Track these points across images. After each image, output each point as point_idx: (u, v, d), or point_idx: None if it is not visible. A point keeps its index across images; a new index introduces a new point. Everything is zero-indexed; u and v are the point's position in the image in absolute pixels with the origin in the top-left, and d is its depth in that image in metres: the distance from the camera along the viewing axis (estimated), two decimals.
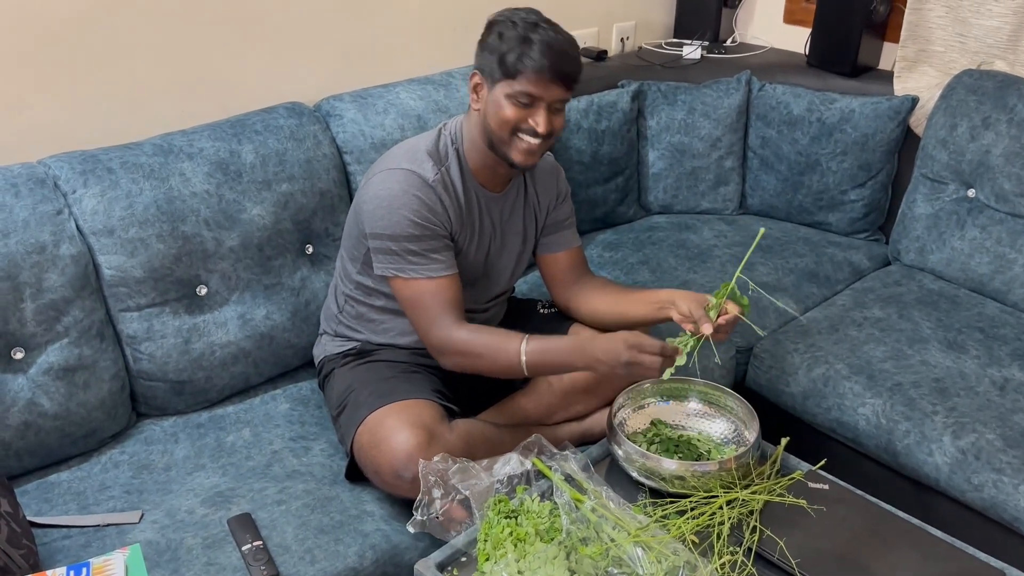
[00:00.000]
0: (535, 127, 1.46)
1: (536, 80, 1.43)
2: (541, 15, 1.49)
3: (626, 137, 2.35)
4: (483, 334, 1.50)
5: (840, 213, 2.38)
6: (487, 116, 1.48)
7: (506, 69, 1.43)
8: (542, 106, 1.46)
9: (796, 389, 1.87)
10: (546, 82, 1.44)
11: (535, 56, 1.42)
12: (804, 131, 2.34)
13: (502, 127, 1.47)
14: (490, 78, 1.47)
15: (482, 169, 1.57)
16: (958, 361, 1.82)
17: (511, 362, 1.47)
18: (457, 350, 1.50)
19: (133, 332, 1.60)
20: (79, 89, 1.69)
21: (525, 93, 1.44)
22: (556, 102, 1.47)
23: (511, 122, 1.46)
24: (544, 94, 1.45)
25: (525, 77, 1.43)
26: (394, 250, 1.49)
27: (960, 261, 2.10)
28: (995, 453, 1.59)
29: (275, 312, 1.73)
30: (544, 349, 1.47)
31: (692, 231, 2.38)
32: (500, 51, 1.44)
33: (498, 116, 1.46)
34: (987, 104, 2.05)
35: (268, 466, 1.55)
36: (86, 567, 1.04)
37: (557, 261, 1.74)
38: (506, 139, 1.48)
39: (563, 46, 1.45)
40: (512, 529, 1.28)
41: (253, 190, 1.70)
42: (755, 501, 1.35)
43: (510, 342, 1.47)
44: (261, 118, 1.78)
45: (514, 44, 1.42)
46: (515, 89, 1.44)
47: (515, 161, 1.50)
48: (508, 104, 1.45)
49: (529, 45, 1.42)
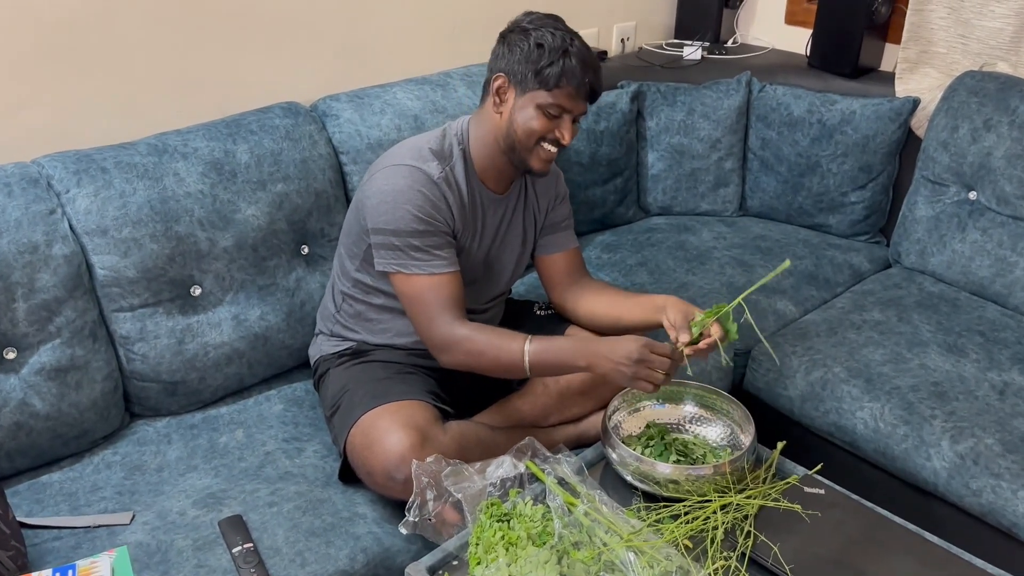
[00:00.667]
0: (560, 139, 1.50)
1: (571, 95, 1.46)
2: (567, 25, 1.51)
3: (625, 138, 2.34)
4: (485, 332, 1.49)
5: (841, 215, 2.36)
6: (513, 122, 1.49)
7: (543, 80, 1.45)
8: (568, 119, 1.49)
9: (794, 392, 1.85)
10: (579, 98, 1.48)
11: (577, 73, 1.44)
12: (804, 132, 2.32)
13: (529, 136, 1.49)
14: (520, 85, 1.48)
15: (488, 170, 1.57)
16: (957, 365, 1.81)
17: (513, 361, 1.46)
18: (459, 347, 1.49)
19: (126, 332, 1.59)
20: (75, 89, 1.68)
21: (558, 106, 1.46)
22: (580, 114, 1.50)
23: (539, 132, 1.49)
24: (575, 108, 1.49)
25: (563, 92, 1.46)
26: (397, 245, 1.48)
27: (961, 264, 2.09)
28: (994, 458, 1.57)
29: (269, 313, 1.73)
30: (547, 349, 1.47)
31: (691, 233, 2.37)
32: (538, 62, 1.45)
33: (527, 125, 1.48)
34: (988, 106, 2.04)
35: (260, 467, 1.54)
36: (72, 569, 1.03)
37: (554, 263, 1.73)
38: (530, 147, 1.50)
39: (595, 63, 1.49)
40: (504, 533, 1.27)
41: (248, 190, 1.69)
42: (750, 506, 1.34)
43: (513, 341, 1.47)
44: (257, 118, 1.78)
45: (555, 57, 1.44)
46: (550, 101, 1.46)
47: (534, 168, 1.53)
48: (538, 114, 1.47)
49: (569, 59, 1.44)
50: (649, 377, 1.40)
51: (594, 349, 1.44)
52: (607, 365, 1.42)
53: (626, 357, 1.40)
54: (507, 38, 1.49)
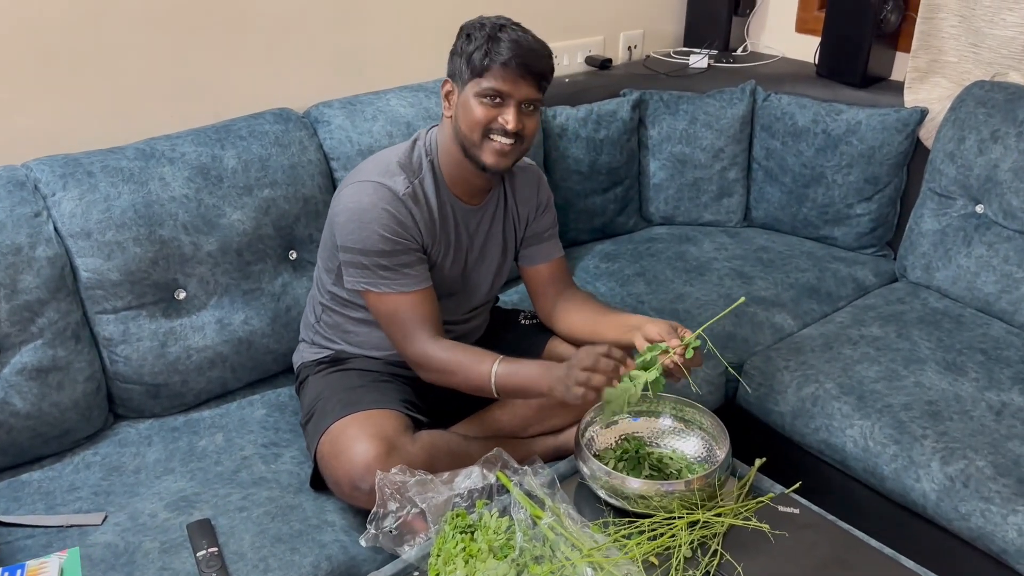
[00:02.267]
0: (504, 124, 1.44)
1: (503, 75, 1.42)
2: (511, 20, 1.47)
3: (626, 147, 2.32)
4: (457, 352, 1.48)
5: (846, 227, 2.31)
6: (459, 120, 1.47)
7: (474, 67, 1.43)
8: (511, 103, 1.44)
9: (785, 408, 1.81)
10: (514, 78, 1.42)
11: (503, 52, 1.41)
12: (809, 143, 2.28)
13: (473, 128, 1.45)
14: (460, 81, 1.46)
15: (457, 180, 1.55)
16: (955, 383, 1.75)
17: (482, 382, 1.45)
18: (432, 366, 1.49)
19: (109, 334, 1.61)
20: (68, 94, 1.71)
21: (493, 89, 1.43)
22: (525, 101, 1.45)
23: (481, 122, 1.44)
24: (513, 91, 1.43)
25: (492, 73, 1.42)
26: (365, 264, 1.48)
27: (966, 279, 2.03)
28: (984, 481, 1.52)
29: (254, 317, 1.73)
30: (514, 372, 1.44)
31: (692, 243, 2.33)
32: (468, 52, 1.43)
33: (468, 117, 1.45)
34: (996, 117, 1.98)
35: (236, 472, 1.54)
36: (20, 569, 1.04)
37: (538, 273, 1.71)
38: (477, 141, 1.46)
39: (531, 44, 1.44)
40: (466, 544, 1.26)
41: (233, 195, 1.70)
42: (719, 524, 1.31)
43: (483, 363, 1.45)
44: (247, 123, 1.79)
45: (481, 43, 1.42)
46: (483, 87, 1.43)
47: (486, 163, 1.48)
48: (477, 104, 1.44)
49: (496, 42, 1.42)
50: (588, 381, 1.33)
51: (556, 372, 1.40)
52: (559, 387, 1.37)
53: (566, 367, 1.36)
54: (453, 44, 1.48)
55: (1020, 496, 1.48)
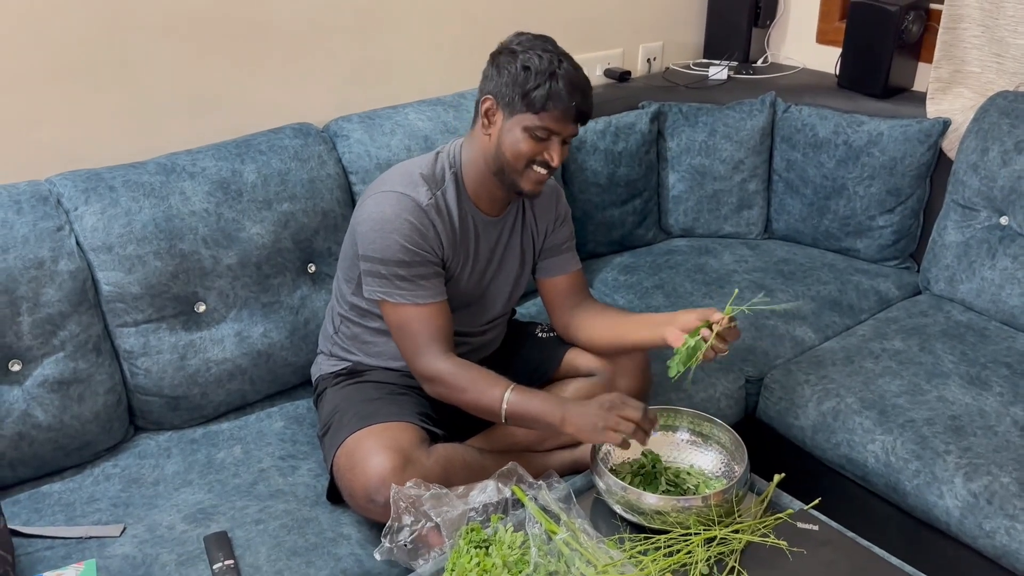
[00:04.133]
0: (549, 161, 1.47)
1: (559, 117, 1.44)
2: (557, 46, 1.49)
3: (644, 159, 2.31)
4: (469, 371, 1.48)
5: (868, 239, 2.29)
6: (502, 145, 1.48)
7: (530, 103, 1.43)
8: (557, 140, 1.47)
9: (805, 422, 1.79)
10: (567, 121, 1.45)
11: (563, 96, 1.42)
12: (830, 154, 2.26)
13: (518, 159, 1.47)
14: (508, 107, 1.46)
15: (480, 193, 1.56)
16: (979, 398, 1.72)
17: (492, 407, 1.46)
18: (441, 382, 1.49)
19: (130, 347, 1.63)
20: (91, 109, 1.74)
21: (545, 129, 1.45)
22: (570, 136, 1.48)
23: (528, 156, 1.47)
24: (563, 131, 1.46)
25: (549, 115, 1.44)
26: (383, 274, 1.48)
27: (991, 292, 2.00)
28: (1009, 498, 1.49)
29: (273, 330, 1.74)
30: (526, 402, 1.45)
31: (712, 255, 2.32)
32: (524, 85, 1.43)
33: (515, 148, 1.47)
34: (1020, 127, 1.95)
35: (253, 484, 1.55)
36: None
37: (555, 285, 1.71)
38: (520, 170, 1.49)
39: (584, 85, 1.47)
40: (480, 559, 1.26)
41: (253, 209, 1.71)
42: (736, 540, 1.29)
43: (495, 387, 1.46)
44: (267, 138, 1.81)
45: (542, 80, 1.42)
46: (537, 124, 1.44)
47: (525, 191, 1.51)
48: (526, 137, 1.46)
49: (556, 82, 1.42)
50: (617, 425, 1.37)
51: (571, 407, 1.42)
52: (581, 422, 1.40)
53: (598, 406, 1.39)
54: (496, 60, 1.48)
55: None
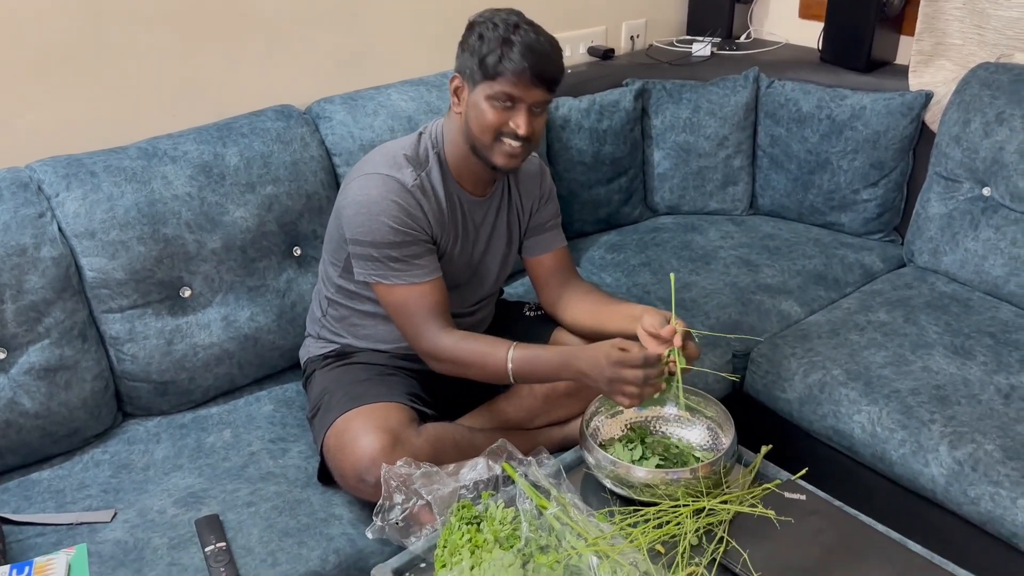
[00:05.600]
0: (516, 129, 1.44)
1: (517, 82, 1.41)
2: (523, 16, 1.46)
3: (629, 137, 2.31)
4: (470, 341, 1.49)
5: (853, 213, 2.30)
6: (468, 119, 1.47)
7: (486, 71, 1.42)
8: (523, 108, 1.44)
9: (792, 395, 1.80)
10: (527, 84, 1.42)
11: (516, 58, 1.40)
12: (814, 129, 2.27)
13: (484, 132, 1.46)
14: (471, 80, 1.45)
15: (463, 172, 1.55)
16: (963, 368, 1.74)
17: (498, 369, 1.46)
18: (445, 356, 1.49)
19: (116, 333, 1.62)
20: (71, 95, 1.72)
21: (505, 94, 1.42)
22: (536, 104, 1.45)
23: (493, 126, 1.45)
24: (525, 96, 1.43)
25: (505, 79, 1.41)
26: (375, 256, 1.48)
27: (974, 263, 2.01)
28: (993, 465, 1.51)
29: (259, 314, 1.74)
30: (531, 358, 1.45)
31: (698, 232, 2.33)
32: (480, 53, 1.42)
33: (479, 120, 1.45)
34: (1001, 99, 1.96)
35: (244, 467, 1.55)
36: (28, 566, 1.05)
37: (541, 264, 1.71)
38: (488, 143, 1.47)
39: (544, 48, 1.43)
40: (471, 535, 1.26)
41: (236, 192, 1.70)
42: (724, 511, 1.30)
43: (497, 349, 1.46)
44: (248, 121, 1.79)
45: (495, 45, 1.41)
46: (495, 90, 1.42)
47: (497, 165, 1.49)
48: (489, 107, 1.44)
49: (510, 46, 1.40)
50: (626, 392, 1.38)
51: (575, 365, 1.42)
52: (588, 381, 1.41)
53: (600, 376, 1.39)
54: (462, 38, 1.47)
55: None
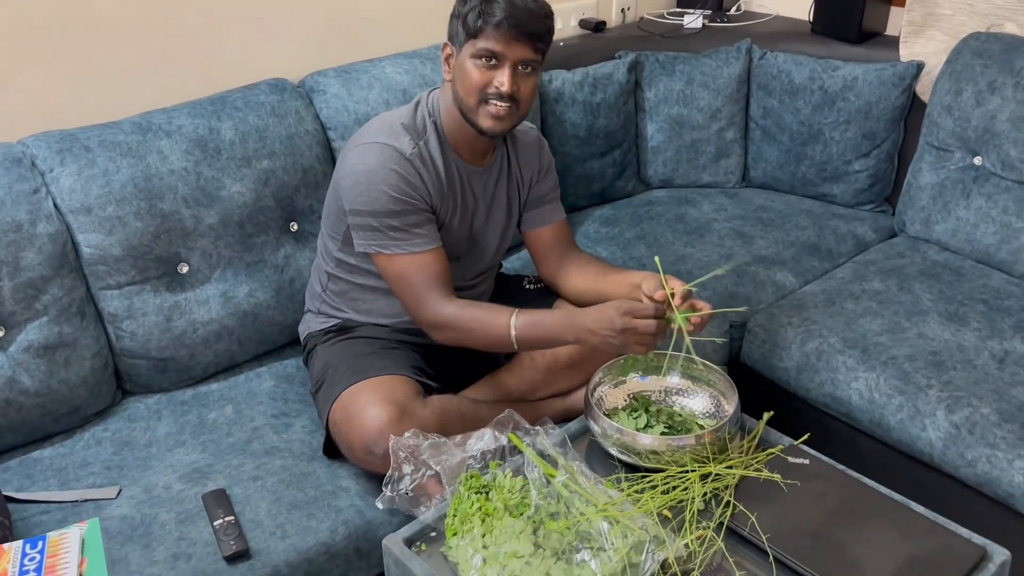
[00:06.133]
0: (499, 87, 1.43)
1: (496, 35, 1.40)
2: None
3: (623, 110, 2.31)
4: (472, 309, 1.49)
5: (845, 184, 2.32)
6: (456, 83, 1.47)
7: (468, 28, 1.42)
8: (506, 65, 1.43)
9: (789, 364, 1.82)
10: (509, 39, 1.40)
11: (496, 12, 1.39)
12: (806, 100, 2.27)
13: (469, 92, 1.45)
14: (457, 44, 1.45)
15: (460, 142, 1.55)
16: (957, 334, 1.77)
17: (501, 336, 1.46)
18: (449, 326, 1.48)
19: (114, 310, 1.61)
20: (61, 69, 1.69)
21: (487, 50, 1.41)
22: (521, 62, 1.43)
23: (477, 86, 1.43)
24: (507, 51, 1.41)
25: (485, 34, 1.41)
26: (375, 226, 1.47)
27: (965, 231, 2.04)
28: (989, 428, 1.54)
29: (258, 290, 1.73)
30: (534, 323, 1.46)
31: (692, 205, 2.33)
32: (463, 13, 1.42)
33: (464, 80, 1.44)
34: (993, 68, 1.98)
35: (248, 442, 1.55)
36: (42, 540, 1.04)
37: (540, 236, 1.71)
38: (474, 106, 1.46)
39: (526, 3, 1.42)
40: (481, 504, 1.27)
41: (232, 167, 1.69)
42: (730, 476, 1.32)
43: (500, 316, 1.46)
44: (242, 95, 1.77)
45: (476, 3, 1.41)
46: (478, 48, 1.42)
47: (483, 127, 1.47)
48: (472, 66, 1.43)
49: (490, 3, 1.40)
50: (639, 341, 1.38)
51: (580, 323, 1.43)
52: (594, 339, 1.41)
53: (610, 329, 1.39)
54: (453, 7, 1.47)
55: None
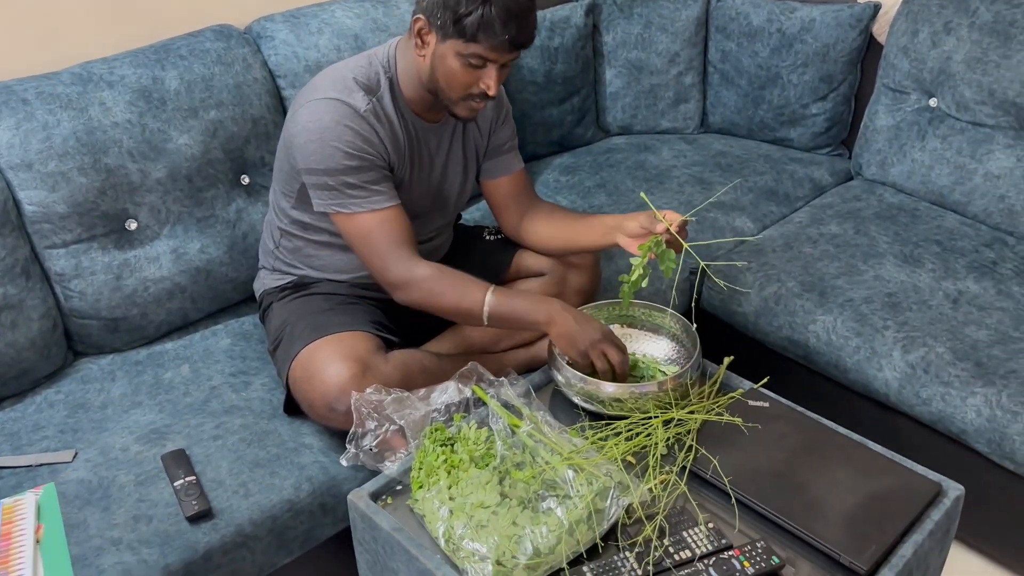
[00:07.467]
0: (486, 90, 1.39)
1: (494, 47, 1.34)
2: None
3: (580, 55, 2.27)
4: (448, 276, 1.44)
5: (802, 128, 2.32)
6: (435, 69, 1.40)
7: (462, 30, 1.33)
8: (494, 68, 1.38)
9: (748, 308, 1.84)
10: (503, 51, 1.36)
11: (496, 27, 1.31)
12: (764, 43, 2.26)
13: (452, 89, 1.40)
14: (440, 31, 1.36)
15: (417, 100, 1.49)
16: (912, 275, 1.79)
17: (473, 309, 1.43)
18: (418, 287, 1.44)
19: (61, 269, 1.56)
20: None
21: (479, 56, 1.36)
22: (508, 62, 1.40)
23: (463, 85, 1.39)
24: (498, 59, 1.37)
25: (481, 44, 1.34)
26: (331, 185, 1.43)
27: (921, 173, 2.06)
28: (944, 366, 1.57)
29: (210, 246, 1.68)
30: (509, 303, 1.42)
31: (651, 152, 2.32)
32: (457, 9, 1.32)
33: (448, 76, 1.39)
34: (949, 8, 1.98)
35: (206, 402, 1.52)
36: None
37: (499, 187, 1.68)
38: (454, 99, 1.42)
39: (522, 10, 1.34)
40: (447, 456, 1.27)
41: (179, 118, 1.63)
42: (692, 421, 1.33)
43: (475, 290, 1.42)
44: (187, 42, 1.70)
45: (474, 6, 1.31)
46: (470, 51, 1.35)
47: (459, 116, 1.46)
48: (460, 66, 1.37)
49: (489, 8, 1.31)
50: (600, 359, 1.38)
51: (558, 308, 1.40)
52: (567, 328, 1.39)
53: (589, 332, 1.38)
54: None
55: (978, 379, 1.54)
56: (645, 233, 1.45)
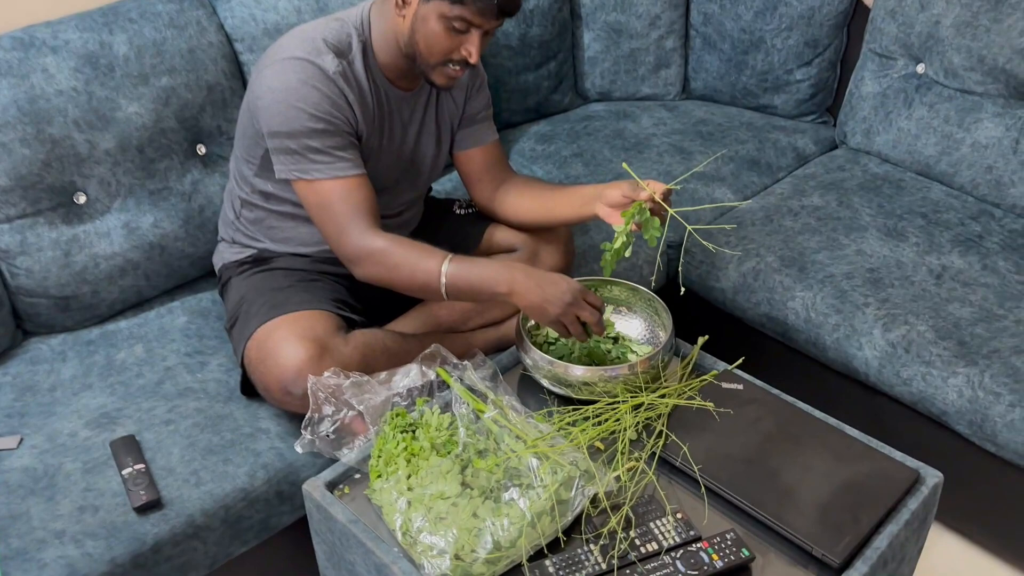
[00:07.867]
0: (467, 57, 1.33)
1: (480, 12, 1.28)
2: None
3: (557, 17, 2.18)
4: (403, 246, 1.36)
5: (786, 95, 2.24)
6: (415, 32, 1.33)
7: None
8: (478, 34, 1.32)
9: (726, 284, 1.78)
10: (490, 16, 1.29)
11: None
12: (747, 5, 2.17)
13: (432, 54, 1.33)
14: None
15: (391, 66, 1.42)
16: (896, 250, 1.74)
17: (429, 281, 1.34)
18: (372, 260, 1.36)
19: (5, 246, 1.48)
20: None
21: (464, 20, 1.29)
22: (492, 29, 1.33)
23: (444, 50, 1.33)
24: (483, 24, 1.30)
25: (469, 7, 1.27)
26: (294, 149, 1.35)
27: (907, 143, 1.99)
28: (925, 345, 1.52)
29: (164, 220, 1.61)
30: (467, 271, 1.33)
31: (631, 119, 2.24)
32: None
33: (429, 40, 1.32)
34: None
35: (159, 384, 1.46)
36: None
37: (472, 158, 1.61)
38: (433, 64, 1.35)
39: None
40: (407, 443, 1.21)
41: (128, 85, 1.54)
42: (663, 405, 1.28)
43: (431, 259, 1.33)
44: (136, 5, 1.61)
45: None
46: (454, 14, 1.28)
47: (437, 83, 1.39)
48: (442, 29, 1.30)
49: None
50: (573, 324, 1.30)
51: (521, 276, 1.31)
52: (532, 297, 1.29)
53: (558, 297, 1.28)
54: None
55: (960, 358, 1.49)
56: (627, 202, 1.38)
